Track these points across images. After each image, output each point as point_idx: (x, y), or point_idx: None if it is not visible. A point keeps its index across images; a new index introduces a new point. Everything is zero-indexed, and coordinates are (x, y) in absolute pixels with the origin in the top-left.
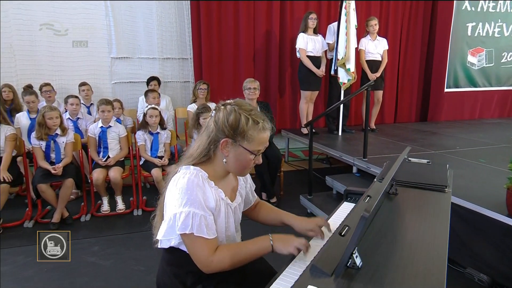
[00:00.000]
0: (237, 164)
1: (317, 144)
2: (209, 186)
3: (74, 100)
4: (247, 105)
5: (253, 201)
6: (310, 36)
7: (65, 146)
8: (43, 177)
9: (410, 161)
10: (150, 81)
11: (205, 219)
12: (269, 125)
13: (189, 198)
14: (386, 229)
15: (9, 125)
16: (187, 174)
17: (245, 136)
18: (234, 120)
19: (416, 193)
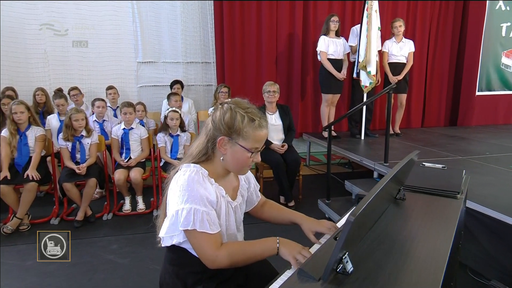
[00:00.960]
0: (235, 162)
1: (338, 148)
2: (210, 183)
3: (100, 103)
4: (245, 103)
5: (257, 201)
6: (332, 39)
7: (90, 147)
8: (68, 177)
9: (424, 166)
10: (174, 85)
11: (207, 215)
12: (266, 122)
13: (190, 195)
14: (385, 235)
15: (39, 127)
16: (187, 172)
17: (241, 134)
18: (229, 118)
19: (426, 199)
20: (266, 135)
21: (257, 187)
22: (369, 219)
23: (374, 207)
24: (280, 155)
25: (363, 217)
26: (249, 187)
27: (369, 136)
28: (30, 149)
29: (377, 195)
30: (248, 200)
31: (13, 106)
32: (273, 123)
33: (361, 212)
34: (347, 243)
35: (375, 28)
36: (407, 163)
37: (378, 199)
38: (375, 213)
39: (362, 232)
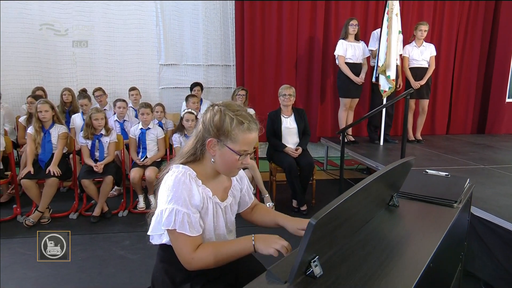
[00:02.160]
0: (224, 164)
1: (354, 153)
2: (196, 184)
3: (121, 103)
4: (235, 105)
5: (249, 203)
6: (350, 43)
7: (108, 145)
8: (87, 173)
9: (427, 173)
10: (194, 87)
11: (188, 217)
12: (256, 126)
13: (174, 195)
14: (368, 240)
15: (62, 125)
16: (175, 173)
17: (229, 136)
18: (219, 120)
19: (421, 206)
20: (255, 139)
21: (251, 189)
22: (348, 223)
23: (354, 210)
24: (294, 159)
25: (334, 220)
26: (242, 187)
27: (388, 142)
28: (53, 146)
29: (352, 198)
30: (241, 201)
31: (38, 105)
32: (288, 126)
33: (325, 216)
34: (314, 247)
35: (396, 31)
36: (399, 168)
37: (359, 203)
38: (358, 217)
39: (337, 235)
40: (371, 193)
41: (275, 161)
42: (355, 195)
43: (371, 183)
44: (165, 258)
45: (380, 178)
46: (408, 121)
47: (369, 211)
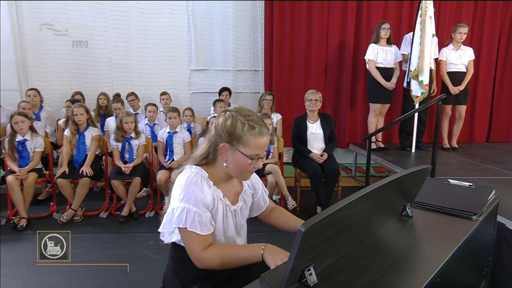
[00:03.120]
0: (236, 168)
1: (383, 160)
2: (208, 185)
3: (151, 108)
4: (246, 111)
5: (264, 207)
6: (382, 47)
7: (137, 148)
8: (116, 174)
9: (449, 183)
10: (222, 92)
11: (199, 216)
12: (267, 130)
13: (186, 195)
14: (372, 250)
15: (96, 128)
16: (188, 173)
17: (241, 141)
18: (230, 125)
19: (437, 217)
20: (267, 143)
21: (266, 193)
22: (350, 231)
23: (357, 218)
24: (319, 165)
25: (331, 228)
26: (254, 193)
27: (421, 149)
28: (87, 147)
29: (352, 205)
30: (255, 205)
31: (74, 109)
32: (314, 131)
33: (318, 223)
34: (307, 255)
35: (429, 34)
36: (412, 176)
37: (364, 210)
38: (362, 225)
39: (337, 244)
40: (379, 201)
41: (300, 167)
42: (356, 203)
43: (376, 190)
44: (176, 258)
45: (388, 186)
46: (444, 127)
47: (376, 220)
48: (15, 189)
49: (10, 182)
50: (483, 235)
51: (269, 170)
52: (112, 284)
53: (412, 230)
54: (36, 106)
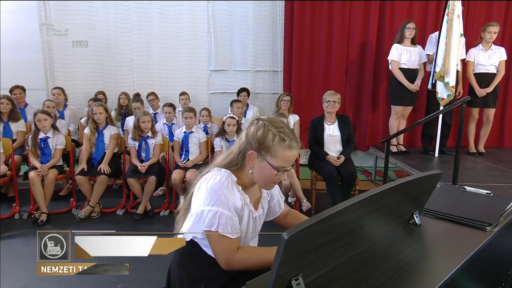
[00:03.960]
0: (261, 177)
1: (403, 164)
2: (237, 190)
3: (168, 108)
4: (279, 122)
5: (279, 212)
6: (406, 47)
7: (154, 147)
8: (132, 173)
9: (465, 190)
10: (240, 92)
11: (231, 220)
12: (297, 144)
13: (218, 198)
14: (369, 261)
15: (115, 126)
16: (218, 176)
17: (270, 151)
18: (262, 134)
19: (447, 227)
20: (295, 157)
21: (282, 199)
22: (346, 239)
23: (354, 225)
24: (335, 168)
25: (322, 235)
26: (271, 199)
27: (445, 153)
28: (105, 145)
29: (347, 211)
30: (271, 211)
31: (94, 108)
32: (331, 133)
33: (304, 230)
34: (294, 264)
35: (456, 34)
36: (421, 181)
37: (364, 217)
38: (362, 233)
39: (331, 253)
40: (382, 207)
41: (315, 169)
42: (351, 209)
43: (377, 196)
44: (185, 253)
45: (392, 191)
46: (470, 131)
47: (378, 227)
48: (37, 184)
49: (31, 177)
50: (500, 247)
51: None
52: (121, 280)
53: (418, 239)
54: (60, 104)
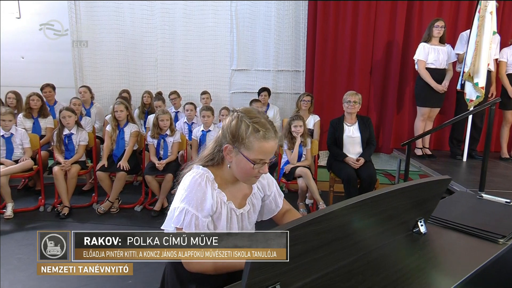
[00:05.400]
0: (239, 171)
1: (428, 168)
2: (212, 188)
3: (189, 106)
4: (254, 112)
5: (276, 211)
6: (434, 46)
7: (172, 145)
8: (150, 170)
9: (482, 198)
10: (261, 92)
11: (196, 219)
12: (274, 134)
13: (187, 196)
14: (360, 271)
15: (135, 124)
16: (193, 173)
17: (244, 143)
18: (235, 126)
19: (456, 237)
20: (272, 148)
21: (280, 196)
22: (335, 246)
23: (345, 232)
24: (354, 170)
25: (304, 242)
26: (265, 196)
27: (474, 158)
28: (125, 143)
29: (333, 216)
30: (266, 208)
31: (115, 105)
32: (351, 135)
33: None
34: (270, 271)
35: (488, 32)
36: (427, 187)
37: (357, 223)
38: (355, 240)
39: (316, 261)
40: (380, 212)
41: (334, 171)
42: (340, 213)
43: (373, 200)
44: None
45: (392, 195)
46: (503, 135)
47: (376, 235)
48: (60, 179)
49: (55, 172)
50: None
51: (299, 173)
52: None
53: (420, 249)
54: (87, 102)
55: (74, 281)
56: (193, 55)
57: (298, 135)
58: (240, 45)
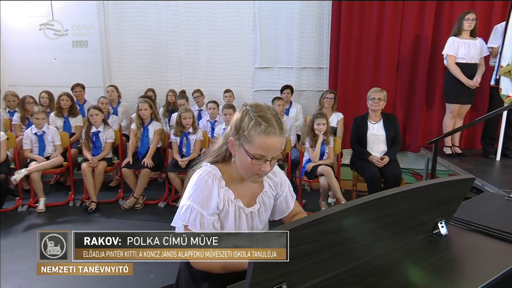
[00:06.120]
0: (240, 166)
1: (457, 167)
2: (219, 186)
3: (212, 105)
4: (262, 107)
5: (287, 212)
6: (464, 40)
7: (195, 143)
8: (173, 167)
9: (511, 200)
10: (284, 90)
11: (202, 217)
12: (277, 130)
13: (193, 193)
14: (373, 273)
15: (159, 122)
16: (201, 171)
17: (245, 136)
18: (239, 119)
19: (480, 240)
20: (274, 145)
21: (292, 198)
22: (346, 246)
23: (357, 231)
24: (378, 169)
25: (312, 241)
26: (277, 195)
27: (508, 157)
28: (149, 140)
29: (344, 213)
30: (277, 209)
31: (139, 104)
32: (375, 133)
33: None
34: (275, 270)
35: None
36: (449, 186)
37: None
38: (368, 241)
39: (325, 261)
40: (395, 212)
41: (357, 170)
42: (350, 212)
43: (386, 199)
44: None
45: (408, 195)
46: None
47: (390, 236)
48: (88, 175)
49: (83, 168)
50: None
51: (321, 172)
52: (154, 271)
53: (439, 252)
54: (114, 101)
55: (92, 279)
56: (217, 54)
57: (321, 133)
58: (263, 43)
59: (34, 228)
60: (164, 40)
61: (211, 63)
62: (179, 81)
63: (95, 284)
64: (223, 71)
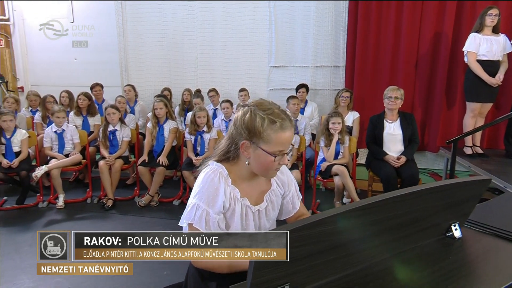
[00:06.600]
0: (259, 166)
1: (478, 168)
2: (226, 184)
3: (226, 104)
4: (266, 104)
5: (293, 212)
6: (486, 36)
7: (209, 141)
8: (188, 166)
9: None
10: (299, 88)
11: (207, 214)
12: (290, 123)
13: (200, 191)
14: (380, 276)
15: (174, 121)
16: (207, 169)
17: (262, 137)
18: (249, 121)
19: (495, 243)
20: (290, 137)
21: (299, 199)
22: (353, 248)
23: (365, 232)
24: (395, 169)
25: (316, 242)
26: (284, 194)
27: None
28: (165, 139)
29: (350, 214)
30: (284, 209)
31: (155, 103)
32: (392, 132)
33: None
34: (278, 271)
35: None
36: (463, 187)
37: (377, 224)
38: (376, 243)
39: (330, 263)
40: (405, 214)
41: (373, 169)
42: (354, 214)
43: (395, 200)
44: None
45: (418, 196)
46: None
47: (400, 238)
48: (105, 173)
49: (100, 166)
50: None
51: (336, 171)
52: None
53: (453, 255)
54: (131, 100)
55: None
56: (232, 53)
57: (336, 132)
58: (278, 42)
59: (54, 224)
60: (180, 40)
61: (226, 62)
62: (194, 81)
63: (107, 277)
64: (238, 70)
